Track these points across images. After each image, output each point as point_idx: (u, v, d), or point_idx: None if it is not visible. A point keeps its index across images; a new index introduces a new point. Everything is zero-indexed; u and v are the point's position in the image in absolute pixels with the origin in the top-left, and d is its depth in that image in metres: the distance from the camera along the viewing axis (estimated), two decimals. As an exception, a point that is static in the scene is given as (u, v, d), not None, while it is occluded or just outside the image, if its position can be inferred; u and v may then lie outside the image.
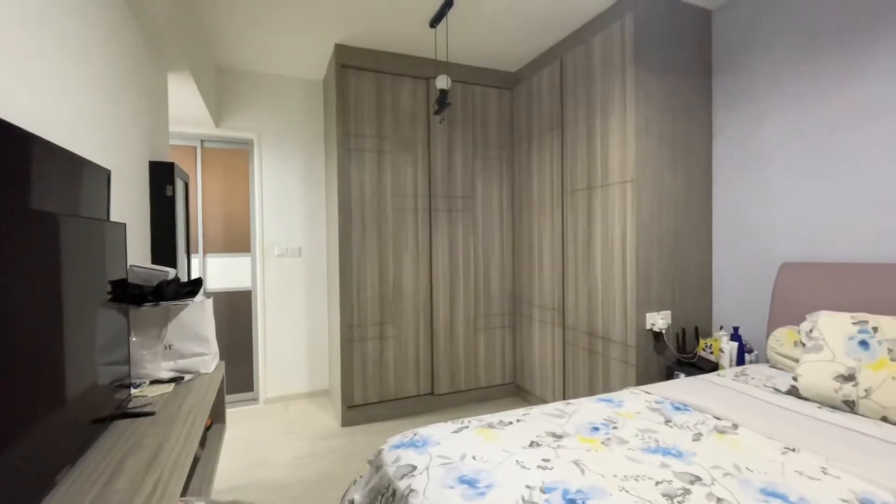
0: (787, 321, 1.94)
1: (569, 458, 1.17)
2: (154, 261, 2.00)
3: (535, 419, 1.43)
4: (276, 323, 3.29)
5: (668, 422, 1.40)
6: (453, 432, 1.34)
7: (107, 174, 1.31)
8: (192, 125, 3.08)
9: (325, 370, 3.43)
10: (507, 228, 3.28)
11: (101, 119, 1.43)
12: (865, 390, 1.36)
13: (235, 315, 3.31)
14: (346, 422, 2.81)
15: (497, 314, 3.24)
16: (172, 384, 1.31)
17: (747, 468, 1.11)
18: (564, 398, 2.74)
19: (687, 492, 1.01)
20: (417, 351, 2.99)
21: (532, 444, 1.26)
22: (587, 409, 1.51)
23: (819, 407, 1.45)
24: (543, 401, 2.95)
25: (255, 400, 3.31)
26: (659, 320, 2.19)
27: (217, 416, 1.64)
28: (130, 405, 1.19)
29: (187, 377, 1.36)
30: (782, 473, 1.08)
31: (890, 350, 1.37)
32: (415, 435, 1.34)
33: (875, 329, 1.43)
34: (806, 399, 1.52)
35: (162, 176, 2.03)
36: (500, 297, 3.25)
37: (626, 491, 1.01)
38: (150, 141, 2.03)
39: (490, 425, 1.39)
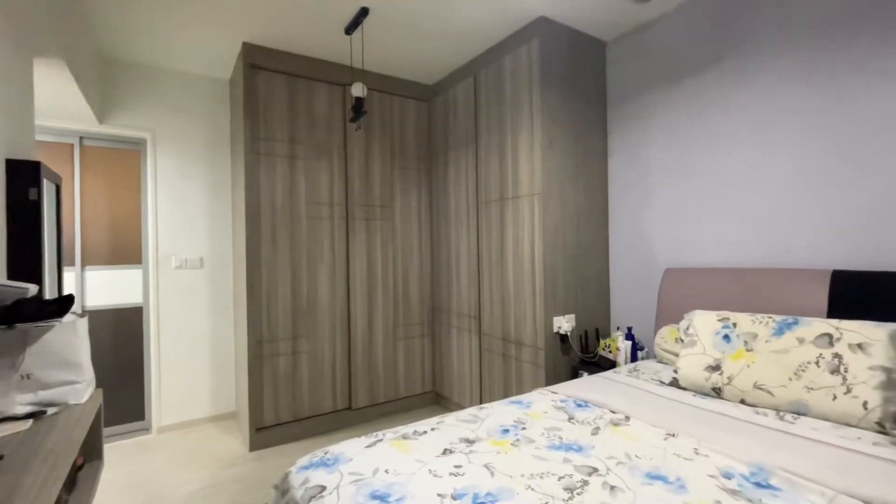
0: (671, 320, 2.19)
1: (480, 463, 1.20)
2: (11, 276, 1.70)
3: (449, 426, 1.45)
4: (173, 341, 2.98)
5: (571, 419, 1.50)
6: (367, 447, 1.31)
7: (-58, 173, 1.09)
8: (68, 120, 2.70)
9: (232, 390, 3.17)
10: (426, 237, 3.31)
11: (-64, 107, 1.20)
12: (728, 378, 1.58)
13: (123, 335, 2.93)
14: (256, 445, 2.61)
15: (416, 323, 3.24)
16: (30, 420, 1.11)
17: (636, 455, 1.22)
18: (481, 403, 2.81)
19: (585, 483, 1.08)
20: (334, 364, 2.88)
21: (445, 451, 1.27)
22: (499, 412, 1.57)
23: (694, 395, 1.65)
24: (461, 407, 3.00)
25: (146, 430, 2.95)
26: (564, 324, 2.35)
27: (92, 453, 1.43)
28: (-29, 449, 0.99)
29: (51, 410, 1.16)
30: (664, 457, 1.20)
31: (745, 342, 1.60)
32: (325, 453, 1.28)
33: (734, 324, 1.67)
34: (684, 389, 1.72)
35: (23, 177, 1.74)
36: (420, 306, 3.26)
37: (532, 489, 1.06)
38: (8, 136, 1.74)
39: (405, 436, 1.38)
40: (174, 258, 2.99)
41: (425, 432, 1.41)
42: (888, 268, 1.62)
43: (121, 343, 2.93)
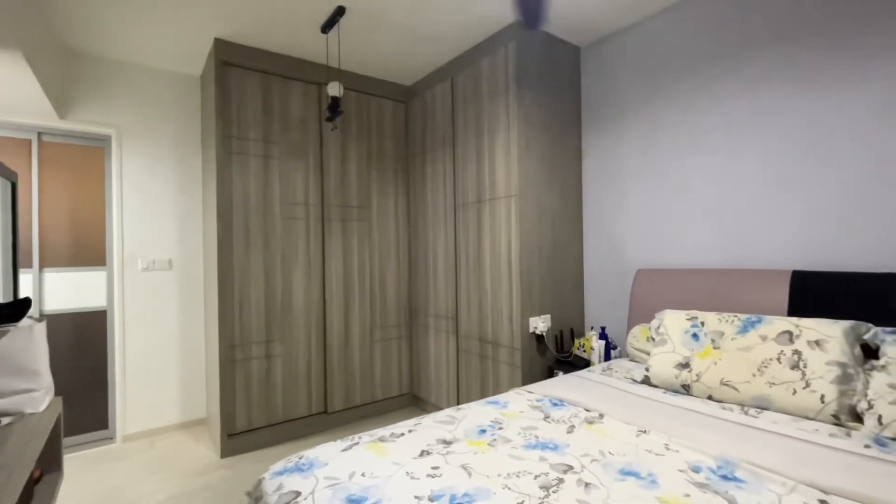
0: (642, 320, 2.25)
1: (457, 463, 1.20)
2: (-38, 278, 1.61)
3: (426, 428, 1.45)
4: (140, 346, 2.87)
5: (546, 418, 1.52)
6: (343, 451, 1.29)
7: None
8: (26, 115, 2.57)
9: (202, 396, 3.07)
10: (404, 239, 3.30)
11: None
12: (697, 375, 1.63)
13: (85, 340, 2.80)
14: (228, 452, 2.54)
15: (393, 325, 3.22)
16: (-17, 431, 1.05)
17: (610, 452, 1.25)
18: (459, 404, 2.82)
19: (561, 481, 1.10)
20: (309, 368, 2.84)
21: (423, 453, 1.27)
22: (476, 412, 1.57)
23: (665, 392, 1.70)
24: (438, 408, 3.00)
25: (110, 439, 2.83)
26: (540, 324, 2.38)
27: (50, 464, 1.36)
28: (-85, 464, 0.92)
29: (5, 420, 1.10)
30: (636, 454, 1.23)
31: (713, 340, 1.66)
32: (300, 458, 1.26)
33: (702, 323, 1.73)
34: (655, 386, 1.77)
35: (-24, 174, 1.65)
36: (397, 308, 3.24)
37: (509, 488, 1.07)
38: (-41, 130, 1.64)
39: (381, 439, 1.37)
40: (141, 259, 2.88)
41: (402, 434, 1.40)
42: (843, 268, 1.71)
43: (83, 348, 2.80)
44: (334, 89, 2.30)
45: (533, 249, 2.42)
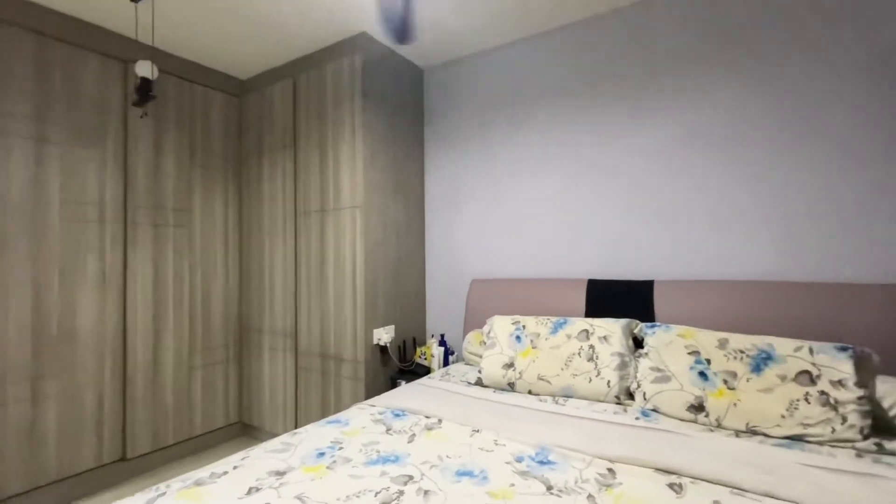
0: (476, 325, 2.44)
1: (291, 495, 1.10)
2: None
3: (255, 460, 1.29)
4: None
5: (388, 430, 1.51)
6: (143, 506, 1.06)
7: None
8: None
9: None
10: (234, 249, 2.94)
11: None
12: (520, 373, 1.84)
13: None
14: (-42, 537, 1.85)
15: (220, 346, 2.83)
16: None
17: (447, 456, 1.30)
18: (296, 428, 2.62)
19: (401, 493, 1.10)
20: (100, 407, 2.28)
21: (251, 490, 1.13)
22: (314, 435, 1.48)
23: (495, 391, 1.87)
24: (273, 435, 2.74)
25: None
26: (384, 335, 2.38)
27: None
28: None
29: None
30: (470, 453, 1.32)
31: (532, 341, 1.90)
32: (77, 527, 0.99)
33: (524, 326, 1.97)
34: (487, 386, 1.94)
35: None
36: (224, 328, 2.86)
37: (348, 511, 1.02)
38: None
39: (198, 482, 1.17)
40: None
41: (226, 472, 1.22)
42: (622, 277, 2.16)
43: None
44: (144, 69, 1.94)
45: (378, 261, 2.42)
